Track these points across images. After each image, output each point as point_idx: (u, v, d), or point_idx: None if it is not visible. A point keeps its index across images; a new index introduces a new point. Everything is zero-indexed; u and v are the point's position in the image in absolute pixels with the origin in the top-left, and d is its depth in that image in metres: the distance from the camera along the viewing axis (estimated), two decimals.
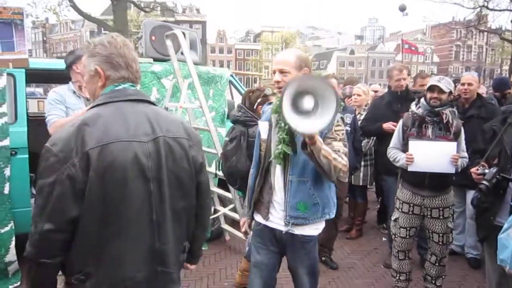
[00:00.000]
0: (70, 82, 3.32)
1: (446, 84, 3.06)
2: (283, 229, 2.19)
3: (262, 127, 2.31)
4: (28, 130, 3.58)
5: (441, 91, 3.05)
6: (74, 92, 3.28)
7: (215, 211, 4.42)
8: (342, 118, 2.20)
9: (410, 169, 3.09)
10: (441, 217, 3.16)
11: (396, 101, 4.12)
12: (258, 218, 2.34)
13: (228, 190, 4.05)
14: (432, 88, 3.08)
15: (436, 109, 3.08)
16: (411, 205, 3.23)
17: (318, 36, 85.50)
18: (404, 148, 3.21)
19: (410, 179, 3.21)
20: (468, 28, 21.02)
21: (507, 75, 18.02)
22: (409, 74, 5.65)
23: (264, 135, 2.29)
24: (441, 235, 3.18)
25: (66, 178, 1.33)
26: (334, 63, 66.31)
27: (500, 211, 2.51)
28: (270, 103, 2.47)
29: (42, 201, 1.35)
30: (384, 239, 4.78)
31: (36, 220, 1.35)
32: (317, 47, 76.70)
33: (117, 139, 1.41)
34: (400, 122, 3.35)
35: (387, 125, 4.00)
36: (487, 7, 17.35)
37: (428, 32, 65.27)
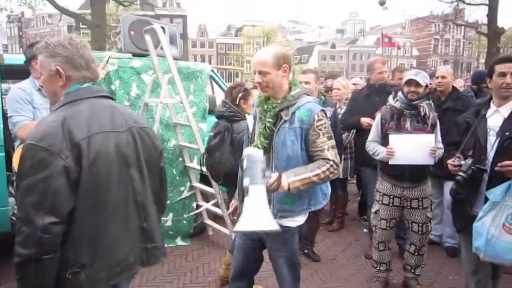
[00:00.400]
0: (33, 78, 3.20)
1: (422, 78, 3.13)
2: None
3: (249, 121, 2.37)
4: (3, 128, 3.50)
5: (418, 84, 3.11)
6: (39, 90, 3.17)
7: (198, 206, 4.41)
8: (323, 111, 2.23)
9: (391, 162, 3.15)
10: (420, 207, 3.24)
11: (374, 94, 4.18)
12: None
13: (210, 185, 4.05)
14: (409, 82, 3.14)
15: (414, 103, 3.14)
16: (391, 197, 3.29)
17: (299, 30, 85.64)
18: (383, 141, 3.27)
19: (390, 172, 3.27)
20: (446, 22, 21.42)
21: (484, 68, 18.41)
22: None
23: (250, 128, 2.35)
24: (420, 224, 3.26)
25: (63, 170, 1.40)
26: (315, 57, 66.58)
27: (476, 202, 2.58)
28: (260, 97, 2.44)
29: (37, 197, 1.37)
30: (365, 230, 4.87)
31: (31, 218, 1.36)
32: (299, 41, 76.76)
33: (100, 130, 1.54)
34: (379, 115, 3.41)
35: (364, 120, 4.06)
36: (463, 2, 17.64)
37: (407, 26, 66.12)
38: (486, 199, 2.47)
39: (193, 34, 60.97)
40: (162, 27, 4.06)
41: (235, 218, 2.75)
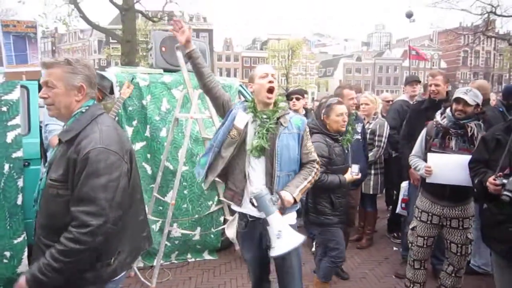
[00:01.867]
0: None
1: (472, 97, 3.00)
2: (259, 215, 2.38)
3: (242, 117, 2.50)
4: (41, 141, 3.62)
5: (466, 103, 2.99)
6: None
7: (225, 220, 4.42)
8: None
9: (428, 181, 3.08)
10: (460, 227, 3.12)
11: (433, 108, 4.00)
12: (238, 208, 2.55)
13: None
14: (458, 100, 3.03)
15: (461, 122, 3.03)
16: (430, 214, 3.20)
17: (324, 43, 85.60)
18: (425, 157, 3.19)
19: (430, 189, 3.18)
20: (476, 34, 20.89)
21: None
22: (419, 81, 5.65)
23: (241, 125, 2.47)
24: (459, 245, 3.14)
25: (126, 171, 1.73)
26: (340, 70, 66.30)
27: None
28: (243, 102, 2.65)
29: (111, 194, 1.63)
30: (395, 248, 4.74)
31: (106, 211, 1.60)
32: (324, 54, 76.68)
33: (127, 138, 1.90)
34: (424, 130, 3.32)
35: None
36: (495, 13, 17.26)
37: (435, 38, 65.09)
38: None
39: (219, 48, 61.87)
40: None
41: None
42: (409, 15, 23.34)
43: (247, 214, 2.50)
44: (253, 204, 2.22)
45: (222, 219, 4.45)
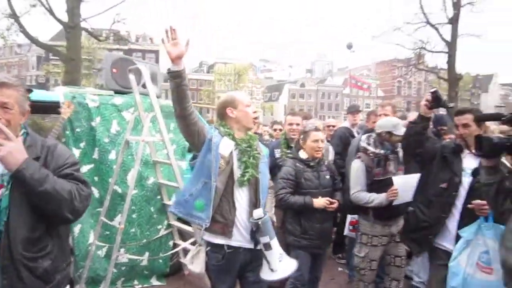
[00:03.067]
0: None
1: (400, 129, 3.36)
2: (252, 246, 2.43)
3: (226, 145, 2.45)
4: None
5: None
6: None
7: (175, 245, 4.35)
8: None
9: (395, 203, 3.28)
10: (401, 240, 3.38)
11: None
12: (217, 239, 2.42)
13: (188, 224, 4.03)
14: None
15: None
16: (381, 237, 3.40)
17: (270, 69, 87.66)
18: (370, 188, 3.39)
19: (385, 214, 3.38)
20: (409, 67, 22.67)
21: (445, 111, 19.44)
22: (360, 111, 6.02)
23: (226, 152, 2.43)
24: (402, 258, 3.43)
25: None
26: (285, 95, 68.05)
27: (441, 235, 2.78)
28: (215, 128, 2.59)
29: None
30: (340, 269, 4.91)
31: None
32: (269, 80, 78.47)
33: None
34: (359, 165, 3.49)
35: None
36: (425, 49, 18.84)
37: (373, 68, 69.07)
38: (457, 237, 2.63)
39: (165, 69, 61.09)
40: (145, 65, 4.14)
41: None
42: (349, 46, 24.86)
43: (225, 245, 2.40)
44: (256, 230, 2.25)
45: (171, 243, 4.39)
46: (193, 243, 4.18)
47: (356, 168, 3.48)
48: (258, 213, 2.33)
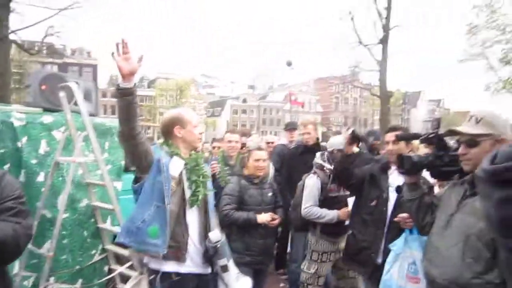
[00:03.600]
0: None
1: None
2: (208, 270, 2.40)
3: (177, 165, 2.38)
4: None
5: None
6: None
7: (110, 270, 4.15)
8: None
9: (348, 222, 3.36)
10: (344, 264, 3.51)
11: (307, 153, 4.52)
12: (166, 265, 2.31)
13: (124, 247, 3.87)
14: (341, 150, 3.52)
15: None
16: (329, 253, 3.51)
17: (212, 84, 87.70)
18: (321, 204, 3.51)
19: (333, 230, 3.49)
20: (344, 84, 23.89)
21: (378, 125, 20.65)
22: (296, 129, 6.20)
23: (176, 173, 2.37)
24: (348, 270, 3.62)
25: None
26: (228, 110, 68.39)
27: (378, 251, 2.89)
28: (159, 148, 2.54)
29: None
30: (282, 284, 4.95)
31: None
32: (212, 95, 78.52)
33: None
34: (314, 180, 3.60)
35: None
36: (359, 67, 19.98)
37: (312, 84, 71.56)
38: (387, 251, 2.77)
39: (103, 84, 59.14)
40: (77, 83, 3.98)
41: None
42: (289, 64, 25.62)
43: (173, 273, 2.29)
44: (214, 253, 2.23)
45: (106, 268, 4.18)
46: (130, 267, 4.03)
47: (312, 184, 3.63)
48: (215, 235, 2.30)
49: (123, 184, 4.43)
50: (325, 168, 3.61)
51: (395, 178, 2.95)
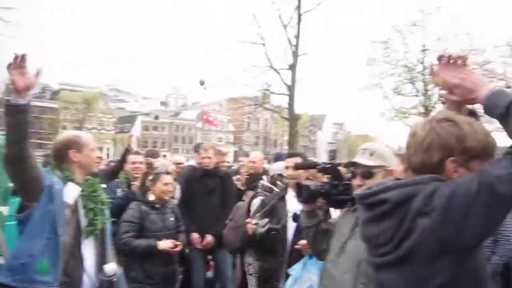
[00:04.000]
0: None
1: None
2: None
3: (72, 191, 2.19)
4: None
5: None
6: None
7: None
8: None
9: None
10: None
11: (207, 176, 4.56)
12: None
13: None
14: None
15: None
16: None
17: (123, 99, 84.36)
18: None
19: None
20: (256, 105, 24.62)
21: (287, 146, 21.62)
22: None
23: (71, 200, 2.18)
24: None
25: None
26: (138, 127, 66.09)
27: (281, 277, 2.95)
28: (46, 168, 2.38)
29: None
30: None
31: None
32: (121, 110, 75.38)
33: None
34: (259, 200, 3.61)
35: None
36: (269, 90, 20.76)
37: (224, 103, 72.43)
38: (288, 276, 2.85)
39: None
40: None
41: None
42: (202, 83, 25.70)
43: None
44: (108, 287, 2.07)
45: None
46: None
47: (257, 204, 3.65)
48: (111, 268, 2.16)
49: (10, 209, 3.99)
50: (274, 191, 3.69)
51: (296, 203, 3.06)
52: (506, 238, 3.75)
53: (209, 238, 4.36)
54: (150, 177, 3.58)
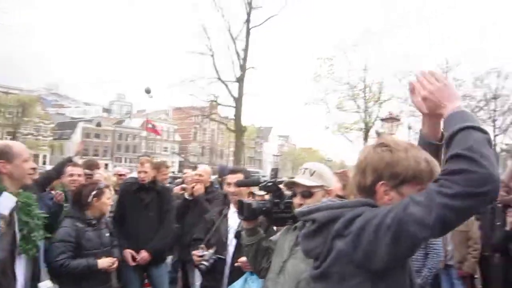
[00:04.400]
0: None
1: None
2: None
3: (7, 202, 2.07)
4: None
5: None
6: None
7: None
8: None
9: None
10: None
11: (143, 190, 4.43)
12: None
13: None
14: None
15: None
16: None
17: (62, 104, 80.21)
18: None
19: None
20: (203, 116, 24.53)
21: (233, 158, 21.63)
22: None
23: (6, 211, 2.06)
24: None
25: None
26: (79, 133, 63.10)
27: None
28: None
29: None
30: None
31: None
32: (61, 116, 71.63)
33: None
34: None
35: None
36: (216, 102, 20.79)
37: (170, 113, 71.32)
38: None
39: None
40: None
41: None
42: (148, 91, 25.02)
43: None
44: None
45: None
46: None
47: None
48: (47, 286, 2.14)
49: None
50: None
51: (237, 220, 3.06)
52: (435, 251, 4.01)
53: (144, 254, 4.20)
54: (94, 192, 3.38)
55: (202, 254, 2.92)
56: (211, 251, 2.93)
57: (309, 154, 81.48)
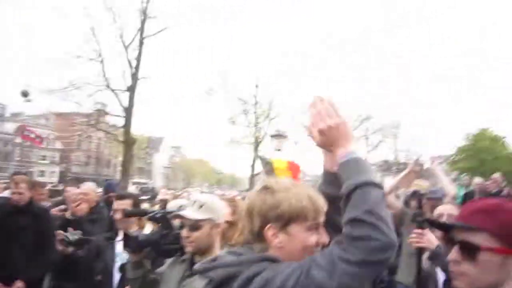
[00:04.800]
0: None
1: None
2: None
3: None
4: None
5: None
6: None
7: None
8: None
9: None
10: None
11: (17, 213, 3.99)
12: None
13: None
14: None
15: None
16: None
17: None
18: None
19: None
20: (88, 124, 22.89)
21: (120, 169, 20.58)
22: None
23: None
24: None
25: None
26: None
27: None
28: None
29: None
30: None
31: None
32: None
33: None
34: None
35: None
36: (104, 111, 19.63)
37: (52, 118, 65.16)
38: None
39: None
40: None
41: None
42: (25, 94, 22.50)
43: None
44: None
45: None
46: None
47: None
48: None
49: None
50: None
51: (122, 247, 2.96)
52: None
53: (18, 284, 3.78)
54: None
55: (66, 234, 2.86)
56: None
57: (200, 166, 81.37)
